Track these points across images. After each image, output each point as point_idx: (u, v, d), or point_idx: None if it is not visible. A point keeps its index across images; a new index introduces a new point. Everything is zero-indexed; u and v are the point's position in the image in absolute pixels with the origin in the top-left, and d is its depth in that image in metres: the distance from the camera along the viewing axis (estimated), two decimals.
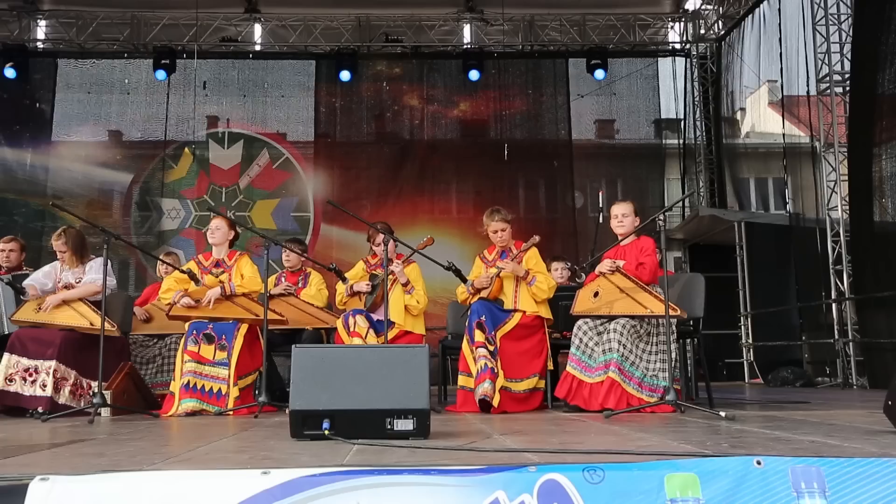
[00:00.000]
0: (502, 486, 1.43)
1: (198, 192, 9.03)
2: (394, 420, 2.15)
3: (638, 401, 3.29)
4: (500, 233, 3.83)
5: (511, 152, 9.44)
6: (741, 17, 8.78)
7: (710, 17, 9.55)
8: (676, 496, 1.42)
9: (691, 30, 9.74)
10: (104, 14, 9.15)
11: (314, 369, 2.18)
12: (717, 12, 9.37)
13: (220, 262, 3.94)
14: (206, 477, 1.44)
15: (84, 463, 1.75)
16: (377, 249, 4.03)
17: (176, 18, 9.21)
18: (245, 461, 1.75)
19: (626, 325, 3.37)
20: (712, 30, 9.55)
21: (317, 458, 1.74)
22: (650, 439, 2.08)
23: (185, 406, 3.50)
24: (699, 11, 9.59)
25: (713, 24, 9.51)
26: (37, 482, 1.37)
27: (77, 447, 2.11)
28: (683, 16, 9.68)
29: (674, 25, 9.86)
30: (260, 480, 1.42)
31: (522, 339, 3.67)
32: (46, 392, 3.50)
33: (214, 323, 3.69)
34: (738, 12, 8.88)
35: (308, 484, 1.42)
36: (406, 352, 2.23)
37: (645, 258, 3.52)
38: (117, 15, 9.20)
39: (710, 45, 9.62)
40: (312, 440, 2.12)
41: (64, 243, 3.78)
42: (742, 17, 8.76)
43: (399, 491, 1.42)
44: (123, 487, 1.40)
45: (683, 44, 9.77)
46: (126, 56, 9.27)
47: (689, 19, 9.69)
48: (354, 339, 3.69)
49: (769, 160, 10.57)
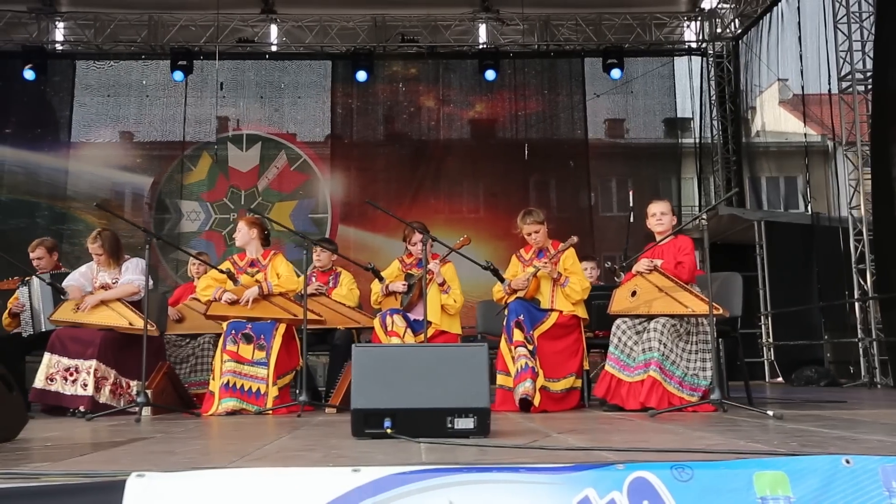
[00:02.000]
0: (591, 484, 1.43)
1: (217, 195, 9.06)
2: (454, 419, 2.16)
3: (679, 400, 3.29)
4: (535, 234, 3.84)
5: (528, 152, 9.44)
6: (759, 15, 8.76)
7: (726, 15, 9.53)
8: (766, 494, 1.41)
9: (707, 29, 9.72)
10: (121, 16, 9.19)
11: (375, 368, 2.19)
12: (734, 11, 9.35)
13: (254, 261, 3.96)
14: (297, 474, 1.44)
15: (161, 460, 1.76)
16: (413, 249, 4.04)
17: (193, 20, 9.25)
18: (320, 459, 1.76)
19: (667, 324, 3.37)
20: (729, 28, 9.53)
21: (391, 456, 1.75)
22: (713, 438, 2.07)
23: (225, 405, 3.51)
24: (716, 10, 9.57)
25: (730, 22, 9.49)
26: (133, 478, 1.37)
27: (142, 445, 2.13)
28: (700, 14, 9.66)
29: (690, 24, 9.84)
30: (351, 478, 1.42)
31: (559, 339, 3.68)
32: (87, 391, 3.52)
33: (253, 323, 3.70)
34: (755, 11, 8.86)
35: (399, 481, 1.42)
36: (466, 351, 2.24)
37: (683, 257, 3.52)
38: (135, 16, 9.24)
39: (727, 43, 9.60)
40: (374, 439, 2.13)
41: (100, 245, 3.81)
42: (760, 15, 8.74)
43: (490, 489, 1.42)
44: (217, 484, 1.41)
45: (700, 43, 9.75)
46: (143, 57, 9.31)
47: (706, 18, 9.67)
48: (392, 339, 3.70)
49: (780, 159, 10.55)
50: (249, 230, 3.91)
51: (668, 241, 3.63)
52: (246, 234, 3.90)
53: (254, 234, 3.92)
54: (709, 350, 3.40)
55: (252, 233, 3.92)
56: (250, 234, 3.91)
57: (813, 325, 7.77)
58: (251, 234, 3.92)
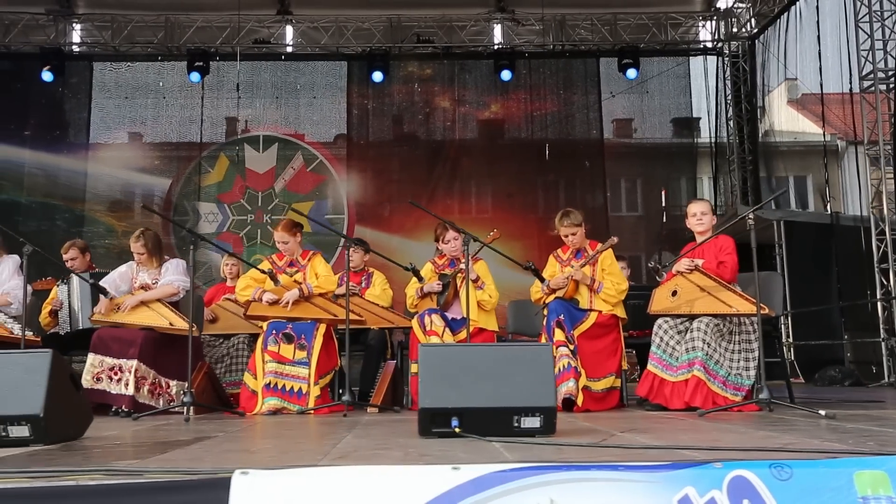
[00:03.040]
0: (691, 483, 1.43)
1: (234, 197, 9.07)
2: (521, 418, 2.16)
3: (724, 399, 3.29)
4: (571, 236, 3.85)
5: (543, 152, 9.45)
6: (775, 14, 8.76)
7: (742, 15, 9.53)
8: (868, 494, 1.41)
9: (723, 28, 9.71)
10: (138, 17, 9.20)
11: (441, 368, 2.19)
12: (750, 10, 9.34)
13: (293, 261, 3.97)
14: (397, 472, 1.45)
15: (245, 459, 1.77)
16: (445, 248, 4.04)
17: (209, 21, 9.26)
18: (403, 458, 1.77)
19: (710, 323, 3.37)
20: (745, 28, 9.52)
21: (472, 455, 1.75)
22: (783, 437, 2.08)
23: (268, 405, 3.52)
24: (731, 10, 9.56)
25: (746, 22, 9.48)
26: (238, 475, 1.38)
27: (212, 444, 2.13)
28: (715, 14, 9.66)
29: (705, 24, 9.84)
30: (451, 476, 1.43)
31: (598, 339, 3.68)
32: (129, 391, 3.54)
33: (293, 323, 3.71)
34: (772, 10, 8.85)
35: (499, 479, 1.43)
36: (531, 350, 2.24)
37: (725, 257, 3.52)
38: (151, 18, 9.25)
39: (742, 43, 9.59)
40: (440, 437, 2.14)
41: (143, 245, 3.82)
42: (777, 14, 8.74)
43: (590, 487, 1.42)
44: (319, 481, 1.42)
45: (715, 42, 9.74)
46: (160, 58, 9.33)
47: (721, 17, 9.66)
48: (431, 338, 3.71)
49: (789, 158, 10.53)
50: (293, 237, 3.93)
51: (709, 240, 3.63)
52: (293, 243, 3.92)
53: (298, 238, 3.95)
54: (751, 349, 3.41)
55: (297, 238, 3.94)
56: (295, 241, 3.94)
57: (833, 325, 7.76)
58: (296, 240, 3.94)
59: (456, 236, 3.87)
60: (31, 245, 3.29)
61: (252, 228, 8.99)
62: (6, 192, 8.48)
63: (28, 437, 2.04)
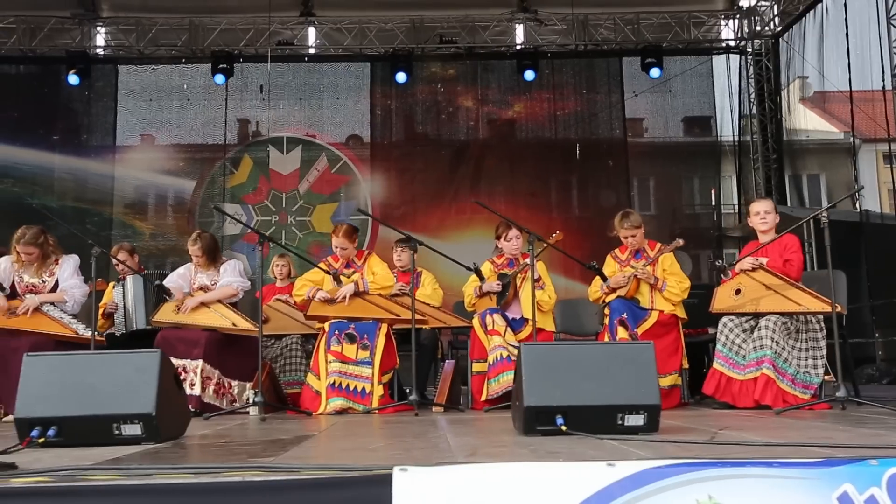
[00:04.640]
0: (849, 480, 1.43)
1: (259, 198, 9.09)
2: (625, 415, 2.16)
3: (793, 397, 3.29)
4: (631, 238, 3.86)
5: (566, 152, 9.45)
6: (801, 12, 8.74)
7: (766, 13, 9.52)
8: None
9: (746, 27, 9.70)
10: (162, 20, 9.22)
11: (545, 367, 2.19)
12: (773, 8, 9.33)
13: (350, 262, 3.97)
14: (552, 468, 1.45)
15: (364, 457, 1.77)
16: (506, 246, 4.04)
17: (233, 23, 9.28)
18: (529, 455, 1.76)
19: (777, 321, 3.37)
20: (769, 26, 9.51)
21: (601, 452, 1.75)
22: (892, 435, 2.07)
23: (333, 405, 3.53)
24: (755, 8, 9.55)
25: (770, 20, 9.47)
26: (398, 472, 1.38)
27: (328, 442, 2.13)
28: (738, 12, 9.65)
29: (728, 22, 9.83)
30: (607, 472, 1.43)
31: (660, 337, 3.68)
32: (195, 391, 3.55)
33: (355, 323, 3.71)
34: (796, 8, 8.83)
35: (657, 475, 1.42)
36: (634, 348, 2.25)
37: (791, 255, 3.52)
38: (175, 21, 9.27)
39: (766, 41, 9.58)
40: (544, 435, 2.14)
41: (200, 248, 3.84)
42: (802, 12, 8.72)
43: (748, 483, 1.42)
44: (477, 478, 1.42)
45: (738, 41, 9.74)
46: (184, 61, 9.35)
47: (745, 16, 9.66)
48: (493, 338, 3.71)
49: (804, 157, 10.51)
50: (352, 243, 3.94)
51: (772, 239, 3.62)
52: (350, 248, 3.93)
53: (355, 242, 3.96)
54: (819, 347, 3.40)
55: (355, 244, 3.95)
56: (353, 245, 3.95)
57: (864, 323, 7.74)
58: (353, 245, 3.95)
59: (518, 235, 3.88)
60: (98, 247, 3.29)
61: (276, 230, 9.00)
62: (38, 197, 8.50)
63: (140, 435, 2.04)
